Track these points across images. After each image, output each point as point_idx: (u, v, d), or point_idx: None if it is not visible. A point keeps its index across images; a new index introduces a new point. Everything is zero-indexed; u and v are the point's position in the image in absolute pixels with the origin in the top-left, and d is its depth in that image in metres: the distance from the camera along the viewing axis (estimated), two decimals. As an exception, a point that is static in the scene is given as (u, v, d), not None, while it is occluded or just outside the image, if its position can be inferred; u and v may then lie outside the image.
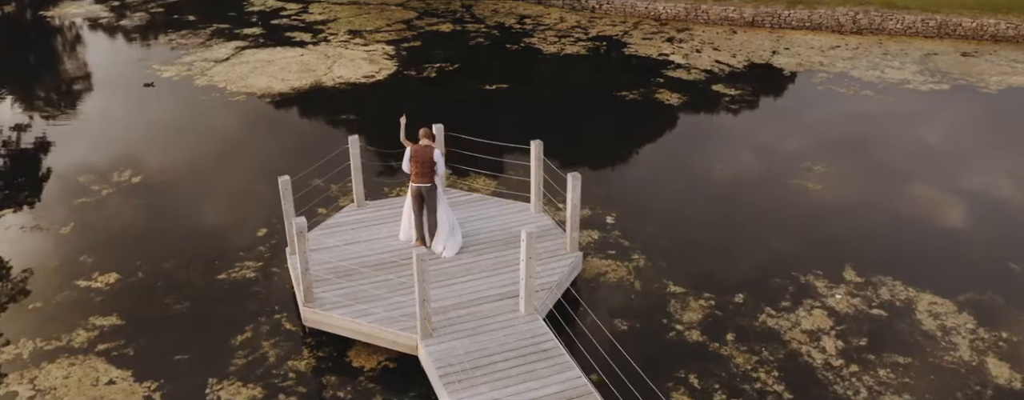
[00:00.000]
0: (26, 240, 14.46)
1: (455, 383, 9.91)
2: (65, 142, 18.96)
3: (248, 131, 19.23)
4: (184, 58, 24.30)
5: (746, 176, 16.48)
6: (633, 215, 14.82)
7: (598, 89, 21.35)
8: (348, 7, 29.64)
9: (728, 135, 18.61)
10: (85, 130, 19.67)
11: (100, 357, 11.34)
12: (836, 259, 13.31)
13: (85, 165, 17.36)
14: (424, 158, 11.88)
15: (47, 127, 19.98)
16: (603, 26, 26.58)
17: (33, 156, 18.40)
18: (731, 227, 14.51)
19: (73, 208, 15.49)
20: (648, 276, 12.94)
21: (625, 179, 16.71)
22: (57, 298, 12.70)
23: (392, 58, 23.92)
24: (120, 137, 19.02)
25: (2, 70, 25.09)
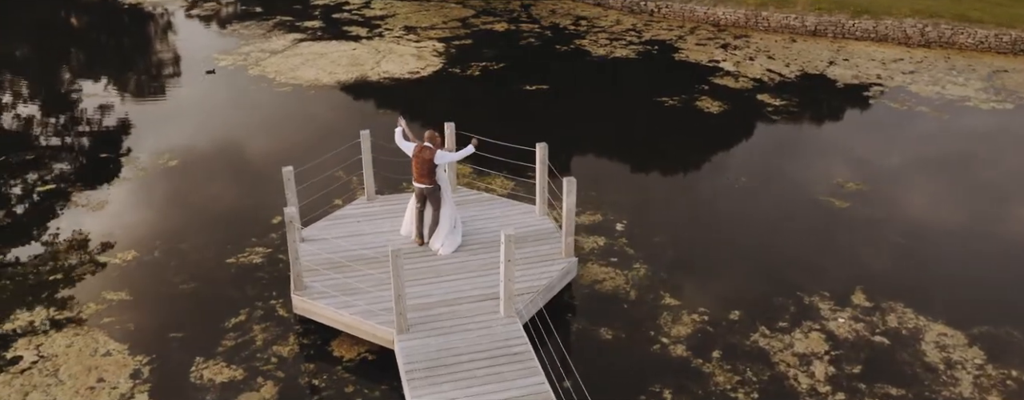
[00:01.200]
0: (62, 215, 15.27)
1: (419, 379, 9.96)
2: (117, 125, 19.93)
3: (285, 121, 19.74)
4: (243, 48, 25.17)
5: (772, 189, 15.92)
6: (644, 223, 14.53)
7: (638, 94, 21.00)
8: (409, 3, 30.07)
9: (762, 147, 18.01)
10: (138, 114, 20.60)
11: (103, 330, 11.90)
12: (847, 281, 12.71)
13: (130, 147, 18.24)
14: (423, 159, 11.90)
15: (103, 110, 21.02)
16: (659, 30, 26.13)
17: (83, 137, 19.43)
18: (745, 241, 14.05)
19: (111, 188, 16.28)
20: (645, 286, 12.66)
21: (644, 186, 16.37)
22: (77, 271, 13.39)
23: (440, 55, 24.15)
24: (167, 122, 19.86)
25: (76, 55, 26.59)
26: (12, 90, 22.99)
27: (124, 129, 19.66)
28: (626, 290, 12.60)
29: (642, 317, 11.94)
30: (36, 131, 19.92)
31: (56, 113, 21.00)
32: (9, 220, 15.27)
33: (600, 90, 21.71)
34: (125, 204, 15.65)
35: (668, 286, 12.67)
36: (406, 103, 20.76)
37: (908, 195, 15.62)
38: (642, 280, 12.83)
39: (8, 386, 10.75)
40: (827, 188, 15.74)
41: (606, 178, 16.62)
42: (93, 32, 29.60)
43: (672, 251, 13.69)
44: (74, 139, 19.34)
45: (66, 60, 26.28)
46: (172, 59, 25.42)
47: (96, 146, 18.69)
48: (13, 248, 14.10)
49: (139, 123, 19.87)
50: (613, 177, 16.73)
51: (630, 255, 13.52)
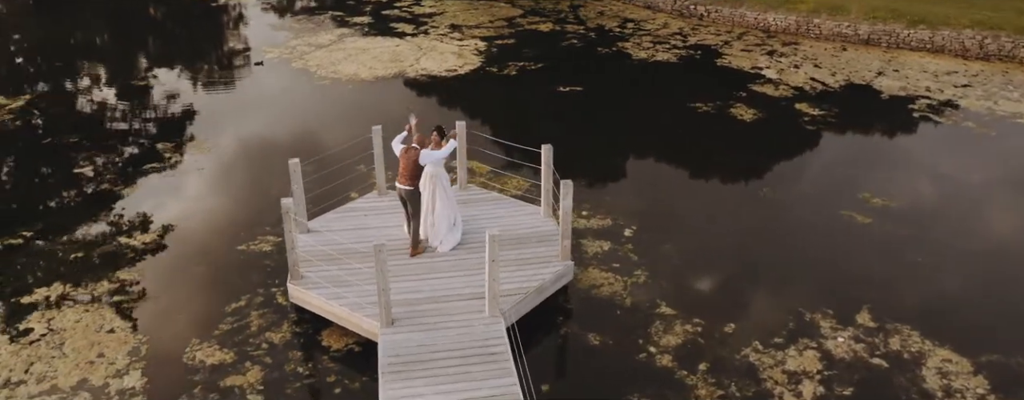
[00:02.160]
0: (92, 197, 15.95)
1: (393, 373, 10.06)
2: (158, 112, 20.72)
3: (316, 113, 20.13)
4: (291, 42, 25.80)
5: (792, 201, 15.47)
6: (654, 230, 14.30)
7: (672, 99, 20.67)
8: (459, 2, 30.30)
9: (791, 157, 17.49)
10: (180, 102, 21.34)
11: (111, 308, 12.39)
12: (855, 299, 12.25)
13: (168, 133, 18.95)
14: (409, 160, 11.83)
15: (147, 97, 21.85)
16: (705, 34, 25.66)
17: (123, 122, 20.23)
18: (755, 253, 13.69)
19: (143, 171, 16.92)
20: (642, 294, 12.47)
21: (661, 193, 16.08)
22: (98, 250, 13.97)
23: (480, 54, 24.26)
24: (206, 111, 20.54)
25: (134, 43, 27.70)
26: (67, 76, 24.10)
27: (164, 116, 20.42)
28: (622, 296, 12.43)
29: (634, 325, 11.76)
30: (80, 115, 20.86)
31: (101, 98, 21.94)
32: (44, 200, 16.06)
33: (634, 94, 21.45)
34: (152, 188, 16.23)
35: (666, 295, 12.45)
36: (436, 100, 20.96)
37: (936, 214, 14.94)
38: (641, 287, 12.64)
39: (16, 356, 11.30)
40: (851, 202, 15.19)
41: (623, 183, 16.45)
42: (158, 22, 30.76)
43: (677, 260, 13.45)
44: (114, 124, 20.15)
45: (123, 48, 27.41)
46: (224, 51, 26.26)
47: (134, 131, 19.42)
48: (43, 226, 14.79)
49: (179, 111, 20.59)
50: (630, 182, 16.53)
51: (633, 261, 13.33)
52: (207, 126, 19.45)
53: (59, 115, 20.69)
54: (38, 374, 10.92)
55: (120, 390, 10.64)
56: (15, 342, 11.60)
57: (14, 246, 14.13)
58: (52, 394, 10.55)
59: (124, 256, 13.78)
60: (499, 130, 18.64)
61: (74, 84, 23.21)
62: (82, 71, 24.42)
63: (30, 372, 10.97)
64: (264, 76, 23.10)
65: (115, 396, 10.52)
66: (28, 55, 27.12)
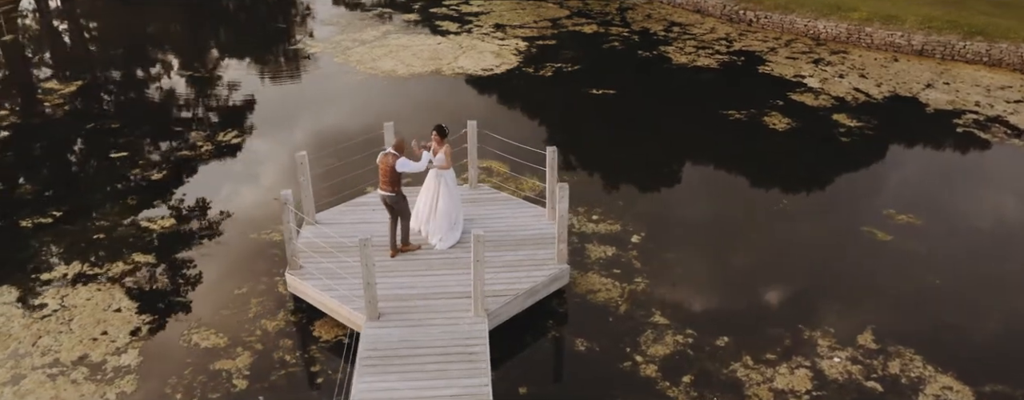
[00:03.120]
0: (123, 181, 16.54)
1: (370, 366, 10.17)
2: (197, 100, 21.42)
3: (348, 108, 20.47)
4: (336, 37, 26.29)
5: (812, 215, 14.99)
6: (661, 237, 14.07)
7: (705, 105, 20.26)
8: (507, 1, 30.35)
9: (818, 169, 16.94)
10: (219, 92, 22.00)
11: (122, 288, 12.87)
12: (859, 319, 11.81)
13: (202, 122, 19.58)
14: (386, 166, 11.76)
15: (191, 86, 22.59)
16: (752, 40, 25.07)
17: (164, 108, 20.95)
18: (763, 266, 13.34)
19: (173, 159, 17.51)
20: (639, 302, 12.27)
21: (675, 200, 15.82)
22: (118, 232, 14.53)
23: (519, 54, 24.26)
24: (244, 101, 21.13)
25: (188, 33, 28.65)
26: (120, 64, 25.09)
27: (201, 105, 21.11)
28: (617, 303, 12.27)
29: (624, 332, 11.60)
30: (124, 102, 21.70)
31: (145, 86, 22.78)
32: (76, 183, 16.78)
33: (667, 98, 21.12)
34: (178, 175, 16.75)
35: (662, 304, 12.23)
36: (464, 98, 21.00)
37: (962, 235, 14.25)
38: (638, 295, 12.45)
39: (27, 330, 11.85)
40: (874, 218, 14.63)
41: (639, 188, 16.21)
42: (227, 14, 31.71)
43: (680, 268, 13.20)
44: (153, 111, 20.89)
45: (182, 38, 28.39)
46: (274, 43, 26.92)
47: (170, 119, 20.07)
48: (71, 208, 15.44)
49: (216, 101, 21.26)
50: (647, 188, 16.28)
51: (635, 268, 13.14)
52: (240, 117, 20.02)
53: (105, 101, 21.60)
54: (43, 347, 11.44)
55: (116, 367, 11.05)
56: (28, 316, 12.17)
57: (43, 225, 14.82)
58: (53, 367, 11.03)
59: (142, 239, 14.29)
60: (523, 130, 18.65)
61: (125, 72, 24.17)
62: (135, 59, 25.41)
63: (37, 345, 11.50)
64: (305, 70, 23.61)
65: (110, 373, 10.94)
66: (91, 43, 28.38)
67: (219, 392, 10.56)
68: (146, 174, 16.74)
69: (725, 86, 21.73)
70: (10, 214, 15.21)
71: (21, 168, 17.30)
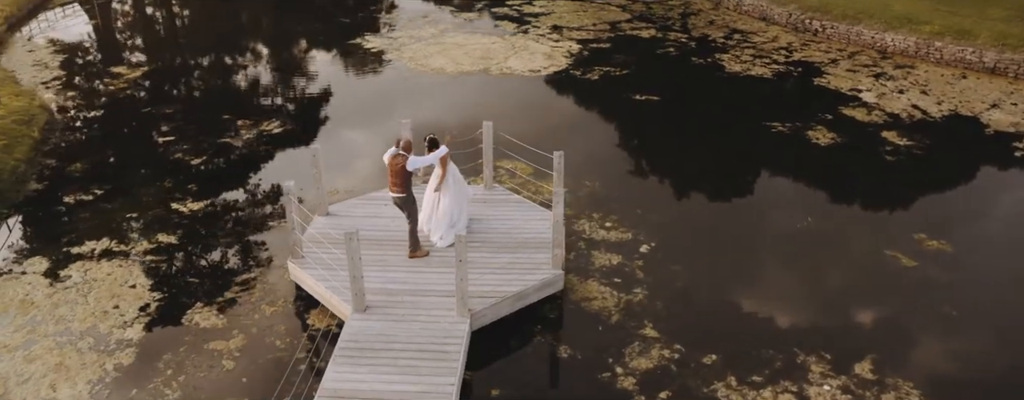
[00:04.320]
0: (165, 163, 17.37)
1: (345, 357, 10.37)
2: (243, 90, 22.22)
3: (386, 104, 20.79)
4: (394, 33, 26.80)
5: (836, 235, 14.36)
6: (672, 249, 13.77)
7: (749, 115, 19.68)
8: (570, 3, 30.24)
9: (854, 187, 16.21)
10: (269, 82, 22.78)
11: (142, 266, 13.52)
12: (860, 346, 11.27)
13: (248, 110, 20.29)
14: (397, 167, 11.89)
15: (244, 75, 23.44)
16: (813, 51, 24.21)
17: (216, 97, 21.82)
18: (770, 284, 12.89)
19: (214, 145, 18.24)
20: (633, 313, 12.07)
21: (696, 211, 15.41)
22: (150, 213, 15.24)
23: (570, 56, 24.15)
24: (290, 92, 21.81)
25: (249, 25, 29.71)
26: (186, 52, 26.27)
27: (253, 94, 21.89)
28: (611, 313, 12.10)
29: (610, 343, 11.43)
30: (181, 88, 22.70)
31: (203, 74, 23.77)
32: (122, 163, 17.67)
33: (711, 107, 20.62)
34: (216, 161, 17.45)
35: (657, 316, 11.99)
36: (501, 97, 21.02)
37: (992, 268, 13.35)
38: (633, 306, 12.24)
39: (48, 299, 12.60)
40: (902, 243, 13.92)
41: (659, 197, 15.90)
42: (310, 7, 32.74)
43: (682, 282, 12.90)
44: (205, 98, 21.81)
45: (249, 29, 29.50)
46: (333, 38, 27.65)
47: (221, 107, 20.84)
48: (112, 187, 16.28)
49: (264, 90, 22.02)
50: (667, 197, 15.96)
51: (637, 279, 12.92)
52: (285, 108, 20.69)
53: (164, 88, 22.65)
54: (58, 316, 12.14)
55: (119, 339, 11.62)
56: (52, 286, 12.94)
57: (84, 202, 15.71)
58: (63, 335, 11.70)
59: (170, 220, 14.96)
60: (554, 133, 18.59)
61: (190, 60, 25.31)
62: (203, 49, 26.58)
63: (53, 313, 12.22)
64: (355, 65, 24.17)
65: (113, 344, 11.52)
66: (169, 31, 29.81)
67: (206, 371, 10.98)
68: (187, 159, 17.50)
69: (775, 97, 21.07)
70: (57, 190, 16.19)
71: (76, 147, 18.37)
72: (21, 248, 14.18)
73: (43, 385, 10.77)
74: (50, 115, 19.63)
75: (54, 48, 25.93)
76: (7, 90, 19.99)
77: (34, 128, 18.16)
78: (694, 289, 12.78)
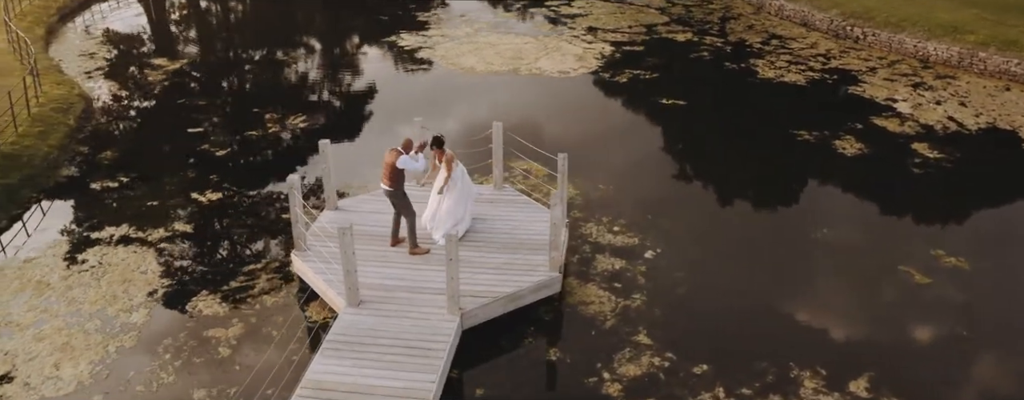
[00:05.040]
0: (191, 153, 17.83)
1: (332, 350, 10.50)
2: (280, 83, 22.68)
3: (412, 102, 20.98)
4: (429, 30, 27.04)
5: (850, 248, 13.97)
6: (678, 256, 13.59)
7: (776, 123, 19.31)
8: (609, 5, 30.10)
9: (873, 199, 15.75)
10: (302, 78, 23.20)
11: (156, 252, 13.90)
12: (859, 363, 10.94)
13: (277, 104, 20.70)
14: (388, 162, 12.08)
15: (279, 69, 23.91)
16: (853, 59, 23.63)
17: (247, 90, 22.30)
18: (774, 296, 12.60)
19: (240, 138, 18.65)
20: (628, 319, 11.95)
21: (707, 219, 15.11)
22: (170, 202, 15.68)
23: (602, 58, 24.04)
24: (321, 86, 22.20)
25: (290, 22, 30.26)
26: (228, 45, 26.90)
27: (279, 89, 22.36)
28: (606, 318, 11.99)
29: (601, 348, 11.33)
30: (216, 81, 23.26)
31: (240, 68, 24.30)
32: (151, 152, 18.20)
33: (737, 114, 20.30)
34: (241, 153, 17.85)
35: (653, 323, 11.84)
36: (524, 98, 21.04)
37: (1010, 287, 12.81)
38: (630, 311, 12.12)
39: (63, 281, 13.06)
40: (918, 258, 13.49)
41: (672, 203, 15.67)
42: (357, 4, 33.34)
43: (684, 289, 12.72)
44: (238, 91, 22.33)
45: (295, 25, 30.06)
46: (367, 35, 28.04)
47: (251, 100, 21.36)
48: (138, 174, 16.80)
49: (293, 86, 22.46)
50: (680, 203, 15.73)
51: (637, 285, 12.79)
52: (313, 103, 21.09)
53: (200, 80, 23.25)
54: (70, 298, 12.57)
55: (123, 323, 11.98)
56: (69, 269, 13.40)
57: (110, 189, 16.23)
58: (72, 316, 12.11)
59: (187, 210, 15.35)
60: (572, 135, 18.59)
61: (229, 54, 25.94)
62: (244, 43, 27.20)
63: (66, 295, 12.66)
64: (386, 62, 24.49)
65: (117, 328, 11.88)
66: (216, 26, 30.58)
67: (202, 357, 11.24)
68: (212, 150, 17.95)
69: (805, 105, 20.64)
70: (85, 176, 16.77)
71: (108, 135, 19.00)
72: (45, 232, 14.72)
73: (48, 364, 11.16)
74: (88, 104, 20.35)
75: (102, 39, 26.86)
76: (50, 79, 20.79)
77: (71, 116, 18.85)
78: (695, 297, 12.60)
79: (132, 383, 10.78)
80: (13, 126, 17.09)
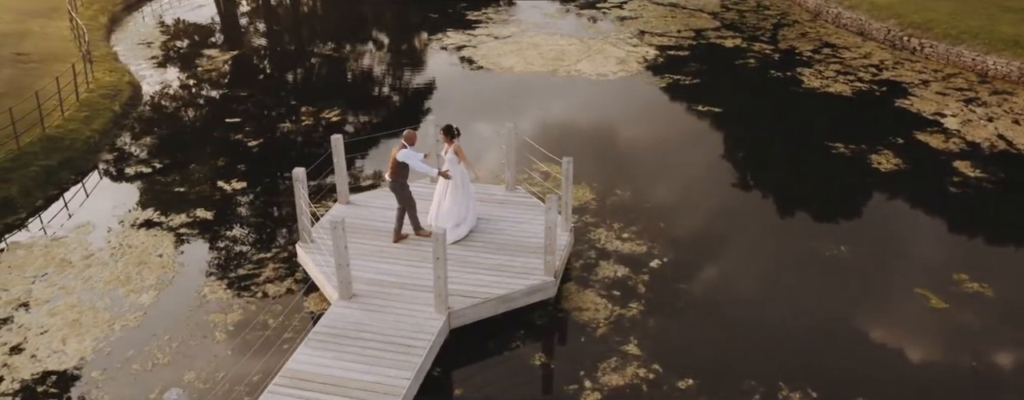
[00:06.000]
0: (224, 143, 18.38)
1: (316, 341, 10.68)
2: (324, 77, 23.13)
3: (444, 100, 21.14)
4: (476, 29, 27.15)
5: (864, 266, 13.40)
6: (684, 266, 13.32)
7: (813, 134, 18.69)
8: (661, 8, 29.67)
9: (902, 218, 15.10)
10: (346, 72, 23.61)
11: (174, 237, 14.38)
12: (852, 388, 10.51)
13: (314, 98, 21.14)
14: (392, 155, 12.36)
15: (323, 65, 24.37)
16: (905, 70, 22.70)
17: (289, 83, 22.79)
18: (775, 313, 12.22)
19: (273, 129, 19.12)
20: (620, 328, 11.76)
21: (720, 230, 14.70)
22: (196, 189, 16.19)
23: (643, 62, 23.73)
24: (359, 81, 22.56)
25: (373, 16, 30.79)
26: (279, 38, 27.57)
27: (319, 83, 22.82)
28: (599, 325, 11.84)
29: (587, 356, 11.19)
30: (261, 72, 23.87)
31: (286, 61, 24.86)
32: (186, 139, 18.81)
33: (773, 123, 19.76)
34: (272, 144, 18.29)
35: (645, 334, 11.64)
36: (554, 100, 20.92)
37: (1044, 317, 12.19)
38: (624, 320, 11.93)
39: (83, 261, 13.64)
40: (937, 281, 12.87)
41: (689, 212, 15.34)
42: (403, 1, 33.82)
43: (683, 301, 12.45)
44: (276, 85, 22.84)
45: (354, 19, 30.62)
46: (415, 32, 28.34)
47: (290, 92, 21.84)
48: (171, 162, 17.41)
49: (333, 80, 22.88)
50: (697, 213, 15.35)
51: (637, 293, 12.58)
52: (348, 96, 21.42)
53: (246, 72, 23.91)
54: (87, 276, 13.13)
55: (131, 304, 12.44)
56: (90, 249, 13.98)
57: (143, 173, 16.88)
58: (86, 294, 12.64)
59: (211, 197, 15.83)
60: (598, 139, 18.45)
61: (280, 47, 26.58)
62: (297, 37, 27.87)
63: (83, 274, 13.22)
64: (428, 60, 24.73)
65: (126, 308, 12.34)
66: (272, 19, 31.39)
67: (198, 340, 11.58)
68: (245, 140, 18.47)
69: (847, 116, 19.92)
70: (121, 161, 17.48)
71: (149, 122, 19.74)
72: (77, 213, 15.40)
73: (57, 338, 11.69)
74: (136, 91, 21.19)
75: (164, 28, 27.92)
76: (104, 66, 21.73)
77: (117, 103, 19.67)
78: (693, 309, 12.33)
79: (130, 361, 11.20)
80: (60, 110, 17.91)
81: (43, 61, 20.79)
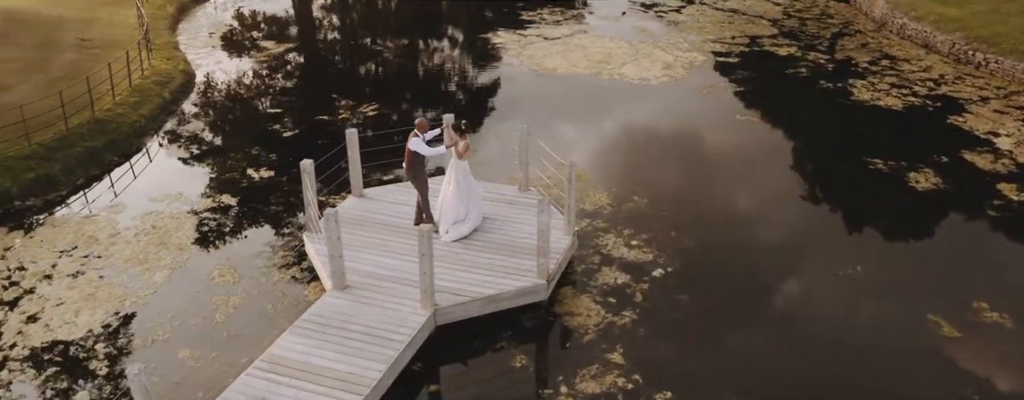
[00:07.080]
0: (258, 132, 18.96)
1: (302, 329, 10.95)
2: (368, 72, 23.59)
3: (480, 98, 21.21)
4: (527, 29, 27.16)
5: (878, 289, 12.84)
6: (689, 278, 13.06)
7: (850, 148, 17.97)
8: (719, 14, 29.04)
9: (927, 241, 14.43)
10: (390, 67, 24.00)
11: (196, 221, 14.96)
12: (838, 413, 10.17)
13: (352, 93, 21.57)
14: (407, 146, 12.72)
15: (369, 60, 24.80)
16: (965, 86, 21.62)
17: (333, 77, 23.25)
18: (772, 332, 11.89)
19: (311, 121, 19.62)
20: (608, 337, 11.63)
21: (733, 243, 14.33)
22: (226, 176, 16.78)
23: (689, 68, 23.31)
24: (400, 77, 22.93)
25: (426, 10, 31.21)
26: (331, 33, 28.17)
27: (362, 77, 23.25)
28: (587, 331, 11.74)
29: (568, 361, 11.12)
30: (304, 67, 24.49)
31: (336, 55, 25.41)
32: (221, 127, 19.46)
33: (812, 136, 19.10)
34: (306, 135, 18.77)
35: (632, 343, 11.48)
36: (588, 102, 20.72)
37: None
38: (614, 329, 11.79)
39: (110, 238, 14.31)
40: (954, 308, 12.24)
41: (704, 222, 14.94)
42: None
43: (680, 313, 12.21)
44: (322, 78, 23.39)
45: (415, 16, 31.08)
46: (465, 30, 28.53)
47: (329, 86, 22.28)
48: (207, 148, 18.11)
49: (377, 75, 23.29)
50: (712, 224, 14.91)
51: (633, 302, 12.41)
52: (388, 92, 21.81)
53: (296, 64, 24.57)
54: (109, 253, 13.79)
55: (145, 281, 13.01)
56: (117, 228, 14.69)
57: (182, 158, 17.62)
58: (104, 269, 13.29)
59: (238, 184, 16.38)
60: (624, 144, 18.26)
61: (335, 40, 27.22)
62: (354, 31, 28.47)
63: (107, 250, 13.90)
64: (472, 58, 24.89)
65: (139, 286, 12.91)
66: (338, 13, 32.13)
67: (198, 320, 12.04)
68: (281, 131, 19.02)
69: (892, 131, 19.09)
70: (163, 145, 18.26)
71: (195, 109, 20.53)
72: (113, 193, 16.17)
73: (70, 310, 12.34)
74: (188, 79, 22.09)
75: (228, 19, 28.96)
76: (163, 54, 22.73)
77: (167, 90, 20.54)
78: (688, 322, 12.08)
79: (134, 336, 11.75)
80: (112, 94, 18.83)
81: (105, 48, 21.89)
